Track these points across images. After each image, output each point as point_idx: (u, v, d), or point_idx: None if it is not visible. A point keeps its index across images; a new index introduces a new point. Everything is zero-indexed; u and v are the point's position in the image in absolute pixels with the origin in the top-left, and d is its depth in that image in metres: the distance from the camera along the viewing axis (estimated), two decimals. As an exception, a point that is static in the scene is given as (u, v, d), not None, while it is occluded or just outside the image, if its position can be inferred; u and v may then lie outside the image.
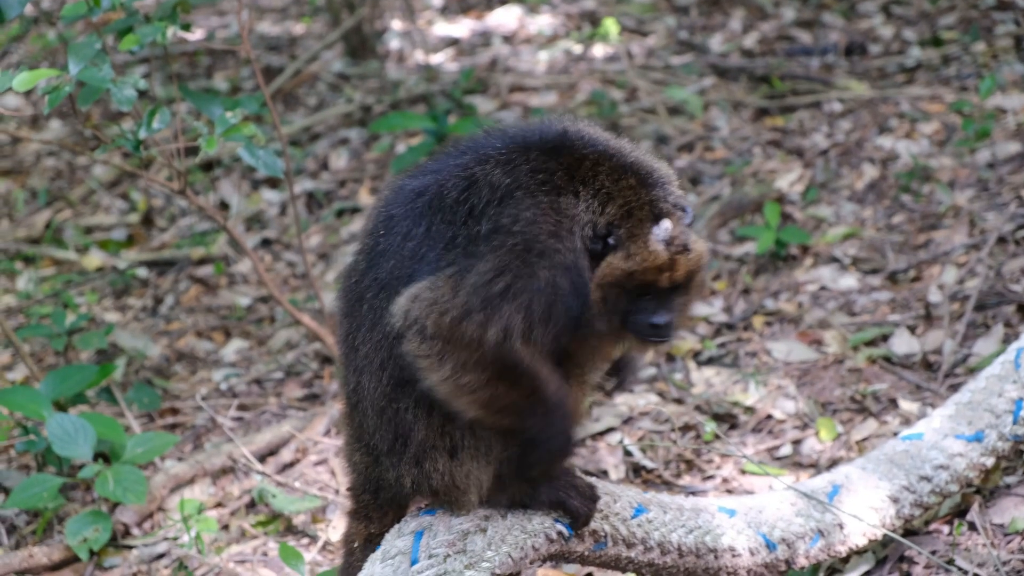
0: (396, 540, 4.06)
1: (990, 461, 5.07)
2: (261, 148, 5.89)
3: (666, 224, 3.89)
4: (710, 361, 7.07)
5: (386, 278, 3.85)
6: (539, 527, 4.14)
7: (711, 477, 6.09)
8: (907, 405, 6.19)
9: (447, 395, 3.79)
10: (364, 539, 4.27)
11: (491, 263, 3.71)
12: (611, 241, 3.86)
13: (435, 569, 3.94)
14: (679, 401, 6.68)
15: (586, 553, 4.31)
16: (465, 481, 3.98)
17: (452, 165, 3.92)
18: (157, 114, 5.77)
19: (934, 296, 6.92)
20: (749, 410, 6.53)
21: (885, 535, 4.90)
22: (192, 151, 5.92)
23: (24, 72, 5.38)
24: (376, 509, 4.25)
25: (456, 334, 3.70)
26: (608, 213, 3.87)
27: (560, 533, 4.17)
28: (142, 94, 5.54)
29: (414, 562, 3.96)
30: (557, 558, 4.30)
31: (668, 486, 6.07)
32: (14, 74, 5.34)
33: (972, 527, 5.13)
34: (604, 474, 6.19)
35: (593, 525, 4.27)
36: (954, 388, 6.13)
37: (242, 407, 7.44)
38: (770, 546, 4.67)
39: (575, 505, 4.18)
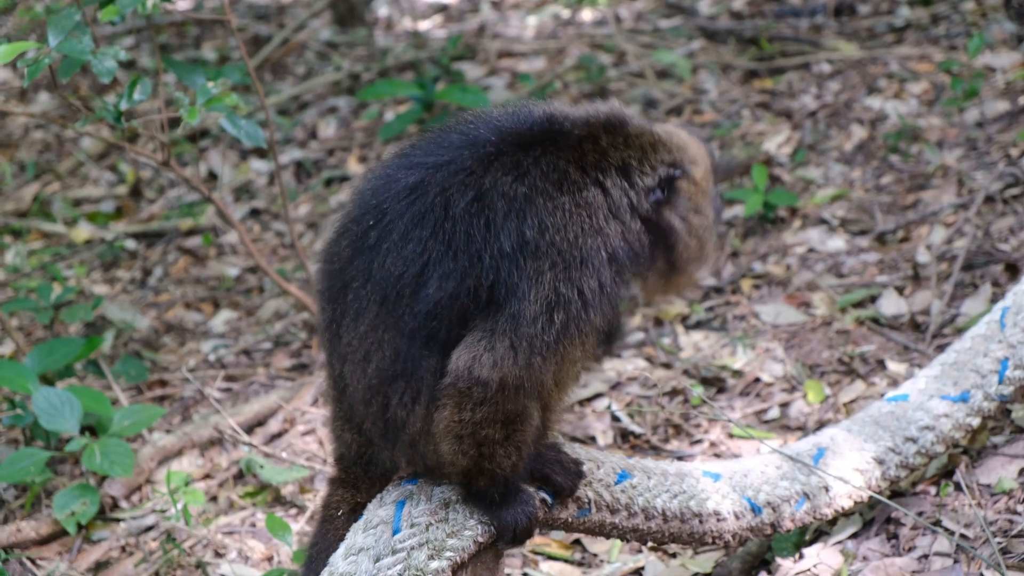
0: (378, 510, 4.05)
1: (976, 421, 5.06)
2: (243, 118, 5.86)
3: None
4: (698, 325, 7.06)
5: (378, 273, 3.80)
6: (522, 495, 4.13)
7: (699, 441, 6.09)
8: (895, 366, 6.18)
9: (451, 435, 3.81)
10: (351, 507, 4.26)
11: (536, 301, 3.71)
12: (676, 172, 3.96)
13: (417, 538, 3.93)
14: (667, 366, 6.67)
15: (569, 520, 4.29)
16: None
17: (449, 162, 3.85)
18: (138, 85, 5.74)
19: (922, 256, 6.90)
20: (737, 374, 6.52)
21: (871, 497, 4.89)
22: (178, 122, 5.89)
23: (4, 45, 5.34)
24: (366, 480, 4.25)
25: (519, 385, 3.75)
26: (649, 163, 3.95)
27: (543, 500, 4.16)
28: (127, 65, 5.50)
29: (396, 531, 3.95)
30: (541, 525, 4.28)
31: (656, 451, 6.07)
32: (-6, 47, 5.32)
33: (959, 488, 5.11)
34: (592, 440, 6.19)
35: (576, 491, 4.26)
36: (942, 348, 6.12)
37: (230, 378, 7.43)
38: (755, 510, 4.66)
39: (559, 480, 4.18)
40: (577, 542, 5.57)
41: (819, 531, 5.20)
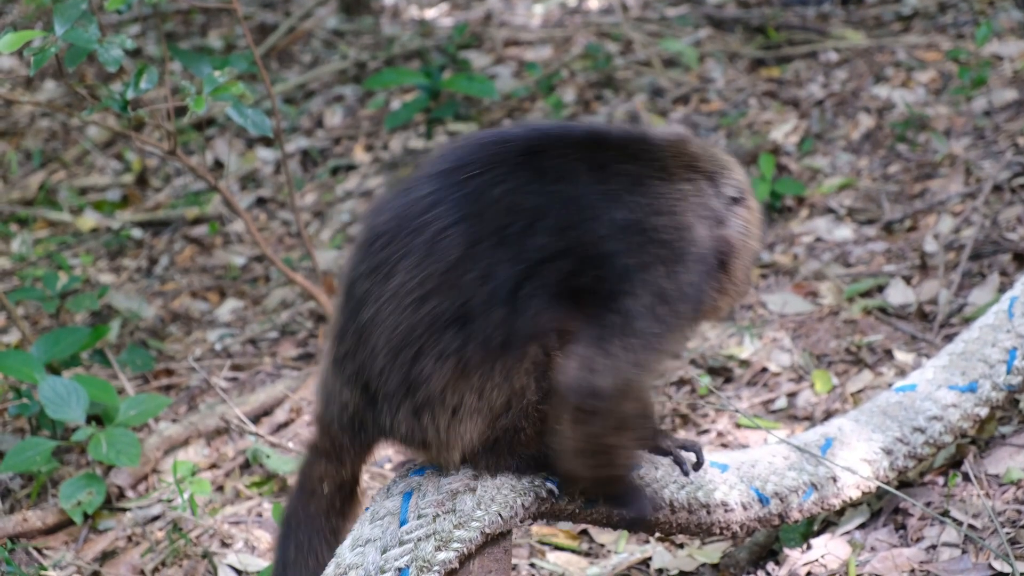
0: (385, 501, 4.04)
1: (984, 411, 5.05)
2: (250, 107, 5.85)
3: None
4: (705, 314, 7.04)
5: (483, 214, 3.76)
6: (528, 485, 4.10)
7: (706, 432, 6.07)
8: (902, 356, 6.16)
9: (577, 451, 3.87)
10: (337, 485, 4.18)
11: (645, 300, 3.75)
12: (743, 196, 4.08)
13: (424, 529, 3.92)
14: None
15: (576, 511, 4.28)
16: (457, 440, 3.93)
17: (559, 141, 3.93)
18: (145, 74, 5.73)
19: (930, 246, 6.89)
20: (744, 363, 6.50)
21: (879, 487, 4.88)
22: (184, 111, 5.88)
23: (9, 33, 5.33)
24: (350, 451, 4.13)
25: (633, 388, 3.80)
26: (729, 178, 4.06)
27: (550, 491, 4.14)
28: (133, 54, 5.49)
29: (403, 523, 3.94)
30: (547, 516, 4.27)
31: (663, 441, 6.05)
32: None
33: (967, 478, 5.11)
34: (599, 430, 6.16)
35: (584, 483, 4.26)
36: (950, 338, 6.11)
37: (236, 367, 7.42)
38: (763, 500, 4.65)
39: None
40: (584, 532, 5.56)
41: (827, 521, 5.19)
